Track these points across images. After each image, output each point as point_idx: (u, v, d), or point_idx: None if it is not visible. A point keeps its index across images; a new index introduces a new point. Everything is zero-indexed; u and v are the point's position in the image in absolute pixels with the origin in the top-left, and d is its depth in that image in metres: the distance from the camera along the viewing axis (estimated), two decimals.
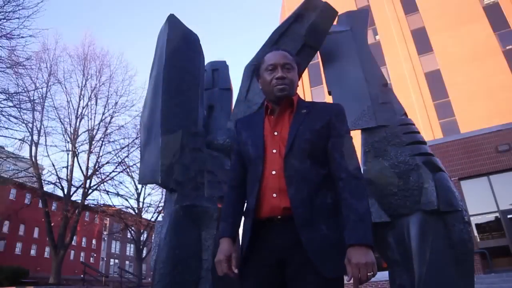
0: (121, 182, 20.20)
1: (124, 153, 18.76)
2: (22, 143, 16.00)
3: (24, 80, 15.11)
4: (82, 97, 18.02)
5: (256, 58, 3.18)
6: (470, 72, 19.09)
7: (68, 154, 17.03)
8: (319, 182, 1.37)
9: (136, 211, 21.82)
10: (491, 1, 20.29)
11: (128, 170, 19.52)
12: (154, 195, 34.69)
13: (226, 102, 3.61)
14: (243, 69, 3.28)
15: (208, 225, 2.74)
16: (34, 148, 16.08)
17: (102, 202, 20.48)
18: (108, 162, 18.15)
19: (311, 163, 1.38)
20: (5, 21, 10.64)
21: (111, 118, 18.41)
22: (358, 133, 3.11)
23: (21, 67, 12.24)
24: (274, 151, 1.42)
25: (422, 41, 21.10)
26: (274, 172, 1.39)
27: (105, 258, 46.62)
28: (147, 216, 25.01)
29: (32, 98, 15.37)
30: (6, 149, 16.67)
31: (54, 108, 17.12)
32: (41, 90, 16.28)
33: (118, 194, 19.06)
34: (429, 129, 18.79)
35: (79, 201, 16.82)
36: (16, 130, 17.50)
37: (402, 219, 2.68)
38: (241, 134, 1.56)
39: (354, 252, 1.20)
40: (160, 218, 6.38)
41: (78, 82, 18.27)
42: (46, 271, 25.10)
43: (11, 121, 13.27)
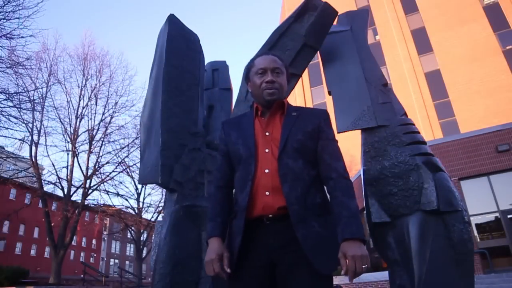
0: (121, 182, 20.24)
1: (124, 153, 18.81)
2: (22, 143, 16.02)
3: (24, 80, 15.15)
4: (82, 97, 18.04)
5: None
6: (470, 72, 19.09)
7: (68, 154, 17.06)
8: (310, 182, 1.42)
9: (136, 211, 21.83)
10: (491, 1, 20.28)
11: (128, 170, 19.56)
12: (154, 195, 34.79)
13: (226, 102, 3.61)
14: (243, 69, 3.28)
15: None
16: (34, 148, 16.08)
17: (102, 202, 20.53)
18: (108, 162, 18.18)
19: (303, 163, 1.43)
20: (5, 21, 10.64)
21: (111, 118, 18.45)
22: (358, 133, 3.11)
23: (21, 67, 12.24)
24: (267, 151, 1.45)
25: (422, 41, 21.09)
26: (267, 170, 1.41)
27: (105, 258, 46.61)
28: (147, 216, 25.09)
29: (32, 98, 15.37)
30: (6, 149, 16.67)
31: (54, 108, 17.15)
32: (41, 90, 16.31)
33: (118, 194, 19.09)
34: (429, 129, 18.79)
35: (79, 201, 16.83)
36: (16, 130, 17.55)
37: (402, 219, 2.68)
38: (229, 135, 1.58)
39: (349, 245, 1.25)
40: (160, 218, 6.38)
41: (78, 82, 18.30)
42: (46, 271, 25.12)
43: (11, 121, 13.29)
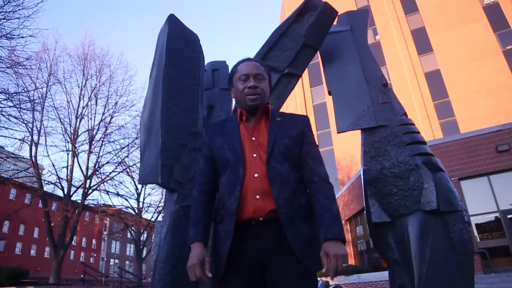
0: (121, 182, 20.27)
1: (124, 153, 18.82)
2: (22, 143, 16.03)
3: (24, 80, 15.17)
4: (82, 97, 18.06)
5: (256, 58, 3.17)
6: (470, 72, 19.10)
7: (68, 154, 17.07)
8: (296, 185, 1.47)
9: (136, 211, 21.85)
10: (491, 1, 20.29)
11: (128, 170, 19.56)
12: (154, 195, 34.86)
13: (226, 102, 3.61)
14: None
15: None
16: (34, 148, 16.08)
17: (102, 202, 20.58)
18: (108, 162, 18.19)
19: (289, 167, 1.48)
20: (5, 21, 10.64)
21: (111, 118, 18.46)
22: (358, 133, 3.11)
23: (21, 67, 12.24)
24: (255, 155, 1.49)
25: (422, 41, 21.11)
26: (256, 175, 1.45)
27: (105, 258, 46.62)
28: (147, 216, 25.13)
29: (32, 98, 15.38)
30: (6, 149, 16.66)
31: (54, 108, 17.16)
32: (41, 90, 16.32)
33: (118, 194, 19.10)
34: (429, 129, 18.80)
35: (79, 201, 16.84)
36: (16, 130, 17.57)
37: (402, 219, 2.67)
38: (214, 140, 1.59)
39: (331, 245, 1.31)
40: (160, 218, 6.38)
41: (78, 82, 18.31)
42: (46, 271, 25.12)
43: (11, 121, 13.30)
